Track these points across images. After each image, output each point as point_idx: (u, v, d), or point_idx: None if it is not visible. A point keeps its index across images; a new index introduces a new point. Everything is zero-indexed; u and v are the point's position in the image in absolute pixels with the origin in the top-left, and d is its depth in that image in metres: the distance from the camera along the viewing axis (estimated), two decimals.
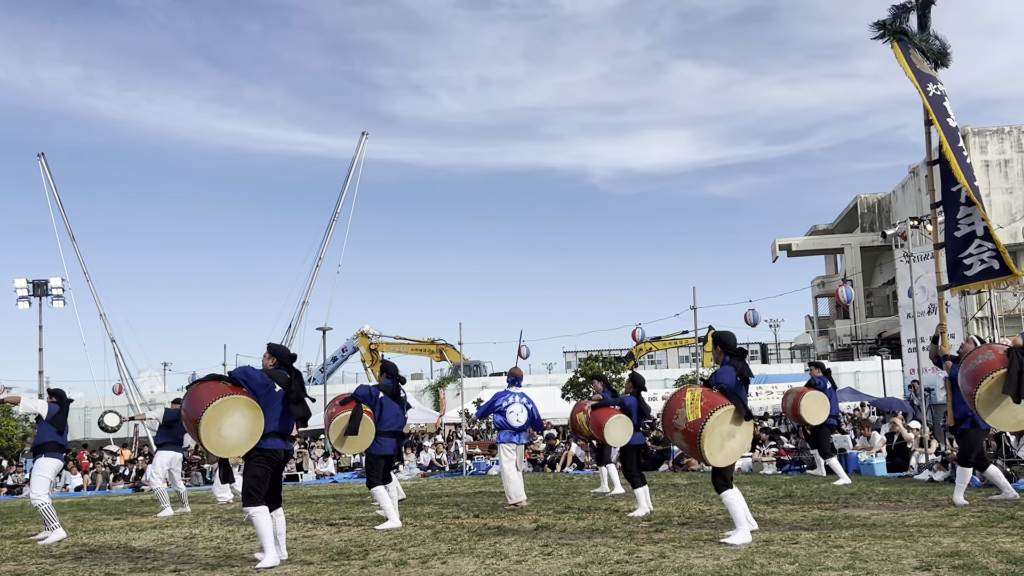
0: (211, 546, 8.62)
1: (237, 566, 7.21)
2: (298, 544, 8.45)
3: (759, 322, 32.51)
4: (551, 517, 10.12)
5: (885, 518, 8.63)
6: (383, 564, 6.93)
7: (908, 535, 7.27)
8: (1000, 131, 38.84)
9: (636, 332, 44.26)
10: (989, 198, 37.29)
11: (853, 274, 47.72)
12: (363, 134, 44.93)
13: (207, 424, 6.98)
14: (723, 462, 7.35)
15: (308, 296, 45.36)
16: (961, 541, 6.80)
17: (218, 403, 7.04)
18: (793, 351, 63.65)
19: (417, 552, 7.51)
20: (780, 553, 6.55)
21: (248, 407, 7.13)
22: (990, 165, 38.53)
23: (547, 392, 32.10)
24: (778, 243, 53.71)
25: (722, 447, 7.30)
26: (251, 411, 7.13)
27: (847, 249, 51.10)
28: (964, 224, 10.57)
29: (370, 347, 51.09)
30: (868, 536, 7.31)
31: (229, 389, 7.20)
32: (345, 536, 9.03)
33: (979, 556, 6.02)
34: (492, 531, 8.87)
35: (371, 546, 8.05)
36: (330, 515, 11.55)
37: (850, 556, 6.27)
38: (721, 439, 7.28)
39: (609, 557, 6.74)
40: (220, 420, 7.05)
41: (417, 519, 10.59)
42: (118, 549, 8.82)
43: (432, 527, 9.54)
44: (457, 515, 10.89)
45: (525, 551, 7.29)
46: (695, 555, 6.66)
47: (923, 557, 6.09)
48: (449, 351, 46.35)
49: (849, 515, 9.06)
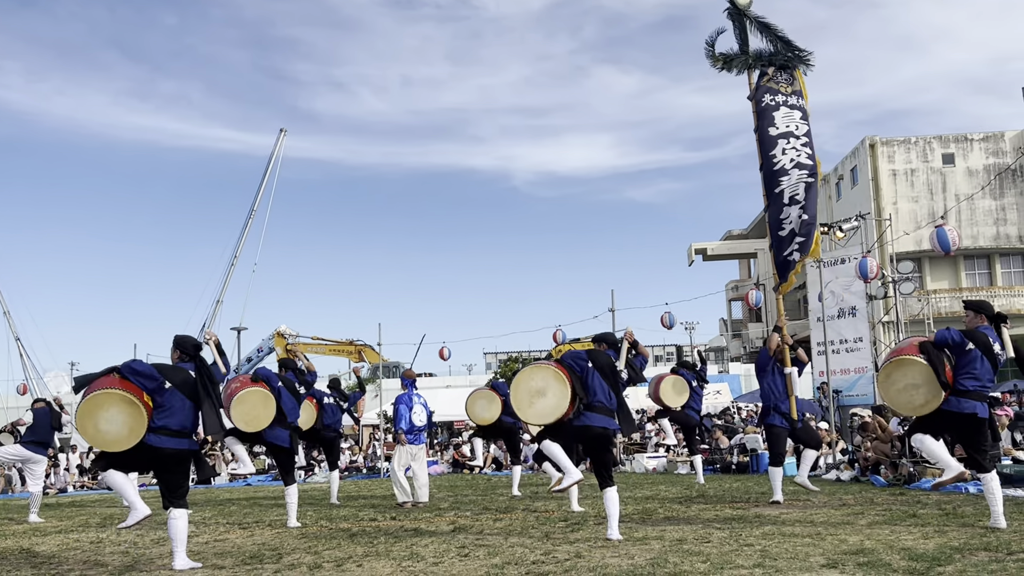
0: (119, 551, 8.38)
1: (146, 571, 7.03)
2: (210, 548, 8.28)
3: (675, 324, 32.91)
4: (469, 519, 10.11)
5: (794, 517, 8.84)
6: (297, 568, 6.83)
7: (816, 533, 7.46)
8: (907, 141, 40.09)
9: (557, 334, 44.46)
10: (896, 206, 38.49)
11: (765, 278, 48.69)
12: (281, 131, 44.31)
13: (81, 416, 6.87)
14: (534, 419, 8.03)
15: (223, 295, 44.45)
16: (866, 539, 7.00)
17: (92, 396, 6.87)
18: (708, 353, 64.83)
19: (332, 555, 7.42)
20: (693, 552, 6.66)
21: (124, 403, 6.91)
22: (897, 174, 39.75)
23: (467, 393, 31.92)
24: (694, 247, 54.60)
25: (531, 404, 7.89)
26: (128, 407, 6.91)
27: (760, 254, 52.13)
28: (787, 223, 11.28)
29: (286, 347, 50.33)
30: (778, 535, 7.47)
31: (115, 383, 6.98)
32: (258, 539, 8.88)
33: (883, 553, 6.20)
34: (409, 533, 8.83)
35: (285, 549, 7.93)
36: (243, 518, 11.34)
37: (760, 554, 6.40)
38: (529, 395, 7.89)
39: (526, 558, 6.76)
40: (96, 413, 6.88)
41: (333, 521, 10.47)
42: (20, 555, 8.52)
43: (348, 529, 9.44)
44: (373, 517, 10.80)
45: (442, 553, 7.27)
46: (610, 555, 6.73)
47: (830, 555, 6.25)
48: (368, 352, 45.97)
49: (760, 514, 9.25)
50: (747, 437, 18.74)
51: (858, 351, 18.61)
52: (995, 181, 38.00)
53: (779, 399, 10.71)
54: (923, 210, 38.71)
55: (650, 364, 10.24)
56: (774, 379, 10.78)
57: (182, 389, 7.09)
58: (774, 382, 10.76)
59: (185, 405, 7.09)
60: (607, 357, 8.05)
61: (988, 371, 7.59)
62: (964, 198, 36.82)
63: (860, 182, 41.21)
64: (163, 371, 7.14)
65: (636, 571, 5.91)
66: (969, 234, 38.80)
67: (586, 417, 7.81)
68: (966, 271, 40.35)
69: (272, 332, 51.91)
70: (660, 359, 72.06)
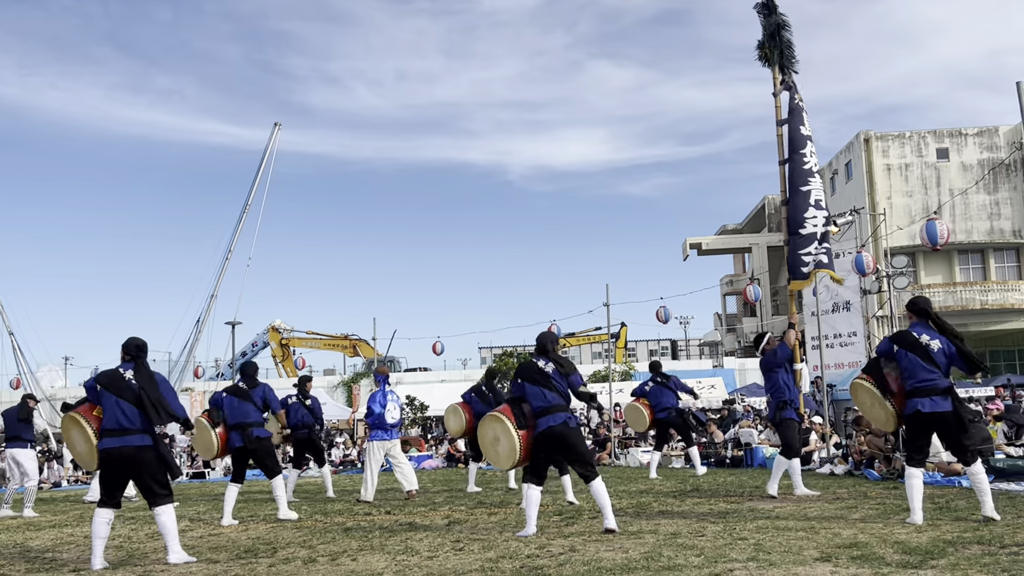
0: (112, 545, 8.37)
1: (140, 565, 7.03)
2: (204, 542, 8.28)
3: (670, 319, 33.00)
4: (463, 512, 10.12)
5: (788, 511, 8.86)
6: (291, 562, 6.84)
7: (810, 527, 7.47)
8: (901, 136, 40.17)
9: (551, 328, 44.59)
10: (890, 200, 38.58)
11: (760, 273, 48.80)
12: (275, 125, 44.19)
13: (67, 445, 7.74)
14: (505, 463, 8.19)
15: (217, 289, 44.34)
16: (860, 533, 7.02)
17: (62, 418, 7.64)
18: (702, 348, 64.91)
19: (327, 549, 7.43)
20: (687, 545, 6.67)
21: (72, 422, 7.37)
22: (891, 169, 39.83)
23: (462, 388, 31.96)
24: (689, 242, 54.64)
25: (496, 451, 8.18)
26: (75, 424, 7.36)
27: (755, 248, 52.23)
28: (809, 224, 11.40)
29: (281, 342, 50.36)
30: (771, 528, 7.49)
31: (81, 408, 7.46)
32: (253, 534, 8.88)
33: (876, 547, 6.22)
34: (403, 527, 8.83)
35: (279, 544, 7.93)
36: (237, 512, 11.33)
37: (754, 548, 6.42)
38: (492, 444, 8.19)
39: (520, 552, 6.77)
40: (69, 440, 7.51)
41: (327, 516, 10.47)
42: (14, 549, 8.51)
43: (342, 524, 9.45)
44: (368, 511, 10.80)
45: (436, 547, 7.28)
46: (604, 548, 6.74)
47: (824, 548, 6.27)
48: (362, 346, 46.01)
49: (754, 508, 9.28)
50: (741, 431, 18.78)
51: (852, 345, 18.66)
52: (989, 176, 38.07)
53: (794, 394, 10.79)
54: (917, 205, 38.80)
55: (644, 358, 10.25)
56: (788, 375, 10.85)
57: (109, 388, 7.20)
58: (788, 378, 10.83)
59: (112, 403, 7.13)
60: (530, 363, 8.15)
61: (919, 365, 7.59)
62: (958, 193, 36.89)
63: (854, 176, 41.27)
64: (98, 378, 7.37)
65: (630, 564, 5.92)
66: (963, 229, 38.91)
67: (536, 425, 7.92)
68: (960, 265, 40.46)
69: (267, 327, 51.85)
70: (655, 353, 72.14)
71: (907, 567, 5.42)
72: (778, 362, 10.81)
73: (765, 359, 10.96)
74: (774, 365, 10.85)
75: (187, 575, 6.45)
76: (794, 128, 11.85)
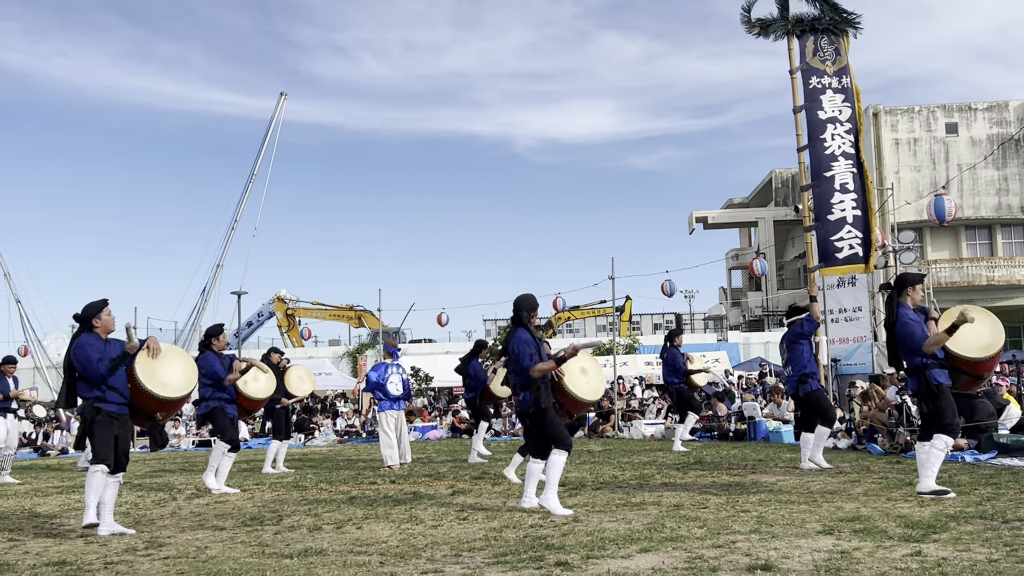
0: (119, 511, 8.42)
1: (147, 531, 7.08)
2: (211, 510, 8.35)
3: (675, 293, 33.12)
4: (467, 483, 10.17)
5: (791, 484, 8.89)
6: (297, 529, 6.89)
7: (812, 500, 7.51)
8: (911, 110, 39.90)
9: (557, 301, 44.59)
10: (898, 175, 38.38)
11: (766, 247, 48.72)
12: (282, 94, 44.17)
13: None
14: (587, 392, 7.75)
15: (223, 259, 44.53)
16: (862, 506, 7.05)
17: None
18: (707, 321, 64.89)
19: (332, 517, 7.48)
20: (690, 517, 6.70)
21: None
22: (900, 143, 39.59)
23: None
24: (695, 215, 54.48)
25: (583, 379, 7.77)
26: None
27: (761, 223, 52.05)
28: (837, 209, 11.36)
29: (287, 312, 50.39)
30: (774, 501, 7.52)
31: None
32: (259, 501, 8.95)
33: (879, 520, 6.25)
34: (408, 496, 8.89)
35: (285, 512, 7.99)
36: (243, 481, 11.42)
37: (756, 520, 6.45)
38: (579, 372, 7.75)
39: (524, 521, 6.81)
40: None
41: (333, 484, 10.54)
42: (22, 514, 8.59)
43: (347, 492, 9.51)
44: (373, 480, 10.87)
45: (441, 516, 7.32)
46: (608, 519, 6.78)
47: (826, 521, 6.29)
48: (368, 317, 46.02)
49: (756, 481, 9.31)
50: (745, 404, 18.81)
51: (857, 320, 18.62)
52: (998, 151, 37.86)
53: (815, 367, 10.87)
54: (925, 180, 38.61)
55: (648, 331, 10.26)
56: (811, 347, 10.94)
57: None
58: (810, 351, 10.91)
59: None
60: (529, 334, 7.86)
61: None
62: (967, 168, 36.71)
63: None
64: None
65: (633, 535, 5.95)
66: (971, 204, 38.73)
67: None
68: (967, 241, 40.32)
69: (272, 297, 51.89)
70: (659, 327, 72.18)
71: (909, 540, 5.44)
72: (804, 334, 10.85)
73: (791, 332, 10.98)
74: (800, 337, 10.87)
75: (192, 541, 6.50)
76: (812, 113, 11.74)
